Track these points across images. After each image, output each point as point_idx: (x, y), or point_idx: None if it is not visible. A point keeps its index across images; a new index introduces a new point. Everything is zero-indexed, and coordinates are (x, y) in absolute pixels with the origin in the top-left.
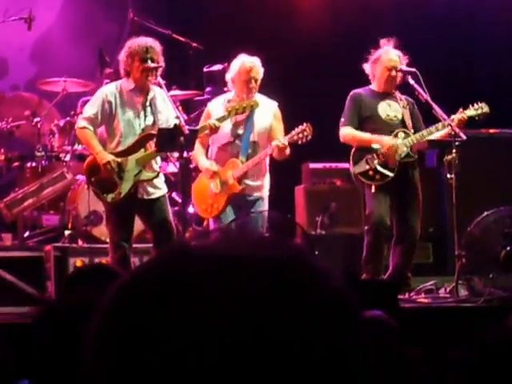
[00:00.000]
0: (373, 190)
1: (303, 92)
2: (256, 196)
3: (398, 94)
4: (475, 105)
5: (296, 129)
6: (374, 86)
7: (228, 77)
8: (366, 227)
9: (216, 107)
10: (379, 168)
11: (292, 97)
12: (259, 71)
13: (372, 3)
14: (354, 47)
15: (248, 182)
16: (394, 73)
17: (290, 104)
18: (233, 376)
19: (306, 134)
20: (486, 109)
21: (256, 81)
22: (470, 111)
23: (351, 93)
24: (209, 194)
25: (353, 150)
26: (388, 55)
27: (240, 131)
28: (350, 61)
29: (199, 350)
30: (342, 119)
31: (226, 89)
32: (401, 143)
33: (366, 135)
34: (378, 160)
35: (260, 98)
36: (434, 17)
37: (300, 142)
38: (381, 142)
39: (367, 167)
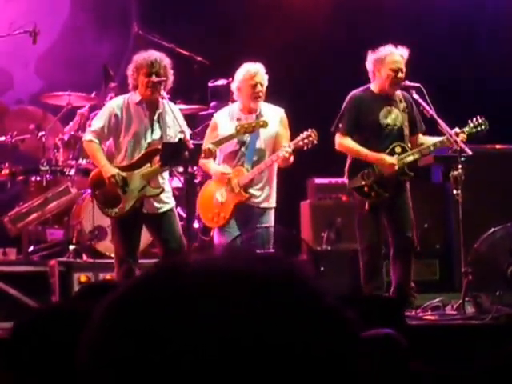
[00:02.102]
0: (366, 207)
1: (308, 106)
2: (262, 207)
3: (397, 95)
4: (474, 121)
5: (301, 134)
6: (374, 87)
7: (233, 86)
8: (360, 248)
9: (223, 119)
10: (375, 186)
11: (297, 111)
12: (264, 77)
13: (377, 13)
14: (362, 60)
15: (253, 191)
16: (400, 74)
17: (294, 118)
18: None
19: (311, 139)
20: (485, 125)
21: (262, 85)
22: (470, 129)
23: (351, 95)
24: (215, 204)
25: (348, 161)
26: (392, 56)
27: (246, 139)
28: (357, 75)
29: (197, 356)
30: (340, 125)
31: (230, 103)
32: (398, 159)
33: (365, 151)
34: (374, 177)
35: (266, 105)
36: (438, 27)
37: (305, 148)
38: (381, 162)
39: (363, 183)
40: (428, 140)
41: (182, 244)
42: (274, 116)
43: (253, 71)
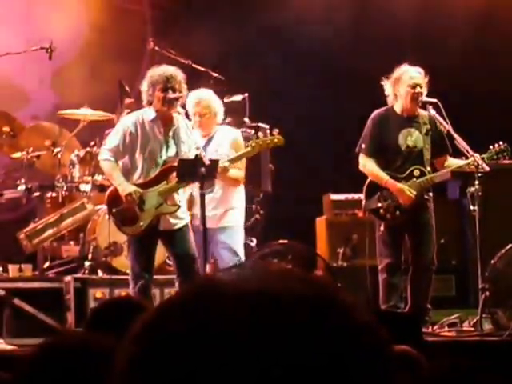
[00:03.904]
0: (381, 228)
1: (324, 121)
2: (217, 227)
3: (422, 116)
4: (496, 147)
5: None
6: (397, 108)
7: None
8: (379, 267)
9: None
10: (391, 209)
11: (312, 126)
12: (205, 105)
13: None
14: (377, 77)
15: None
16: (418, 89)
17: (309, 133)
18: None
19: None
20: (507, 152)
21: (201, 115)
22: (491, 155)
23: (373, 115)
24: None
25: (367, 181)
26: (409, 73)
27: None
28: (371, 91)
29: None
30: (363, 145)
31: (245, 119)
32: (413, 184)
33: (385, 178)
34: (391, 200)
35: (221, 128)
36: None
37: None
38: (399, 193)
39: (379, 205)
40: (453, 162)
41: (194, 260)
42: (225, 139)
43: (194, 101)
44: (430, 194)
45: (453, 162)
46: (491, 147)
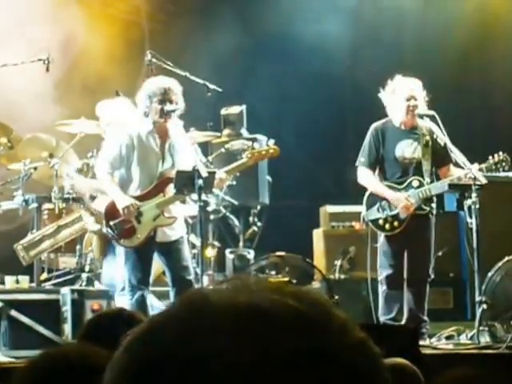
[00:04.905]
0: (381, 239)
1: (322, 133)
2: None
3: (422, 127)
4: (495, 157)
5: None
6: (395, 120)
7: None
8: (379, 278)
9: None
10: (389, 219)
11: (310, 138)
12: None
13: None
14: (377, 88)
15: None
16: (413, 102)
17: (307, 145)
18: None
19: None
20: (506, 162)
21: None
22: (489, 165)
23: (371, 128)
24: None
25: (367, 192)
26: (404, 85)
27: None
28: (371, 102)
29: None
30: (362, 158)
31: (243, 131)
32: (412, 194)
33: (382, 189)
34: (390, 211)
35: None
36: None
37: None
38: (394, 200)
39: (378, 215)
40: (455, 172)
41: (189, 272)
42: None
43: None
44: (433, 205)
45: (455, 172)
46: (490, 157)
